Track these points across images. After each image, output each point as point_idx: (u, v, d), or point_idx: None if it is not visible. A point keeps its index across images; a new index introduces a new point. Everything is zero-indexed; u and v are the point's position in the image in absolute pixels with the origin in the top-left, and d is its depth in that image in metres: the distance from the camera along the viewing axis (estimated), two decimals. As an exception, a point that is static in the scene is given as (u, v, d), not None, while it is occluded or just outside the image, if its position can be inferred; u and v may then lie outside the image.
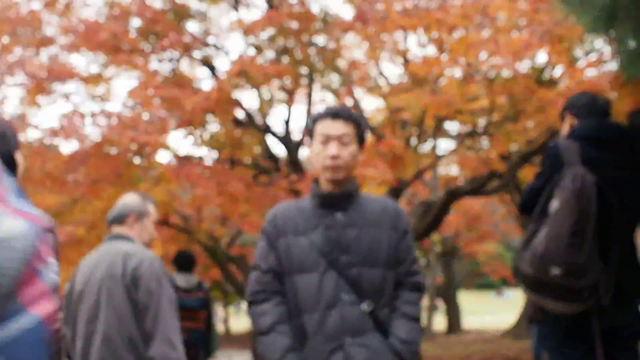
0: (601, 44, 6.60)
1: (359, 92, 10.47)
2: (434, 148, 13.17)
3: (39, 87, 6.80)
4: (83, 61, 9.20)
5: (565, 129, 3.26)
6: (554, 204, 2.82)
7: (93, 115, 6.96)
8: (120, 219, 2.96)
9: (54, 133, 6.74)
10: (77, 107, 7.60)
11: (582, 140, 2.98)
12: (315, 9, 9.34)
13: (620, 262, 2.87)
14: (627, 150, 3.05)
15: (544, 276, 2.79)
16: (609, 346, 2.93)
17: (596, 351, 2.91)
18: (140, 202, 3.04)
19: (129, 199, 3.05)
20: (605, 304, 2.80)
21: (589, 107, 3.15)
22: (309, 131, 2.52)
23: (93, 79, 8.24)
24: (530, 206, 2.99)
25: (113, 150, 7.31)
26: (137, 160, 7.46)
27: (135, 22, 8.38)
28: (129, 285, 2.72)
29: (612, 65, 5.82)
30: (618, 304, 2.88)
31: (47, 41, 7.87)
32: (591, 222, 2.72)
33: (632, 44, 3.60)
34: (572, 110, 3.22)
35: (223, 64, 10.36)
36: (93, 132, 7.01)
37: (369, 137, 11.80)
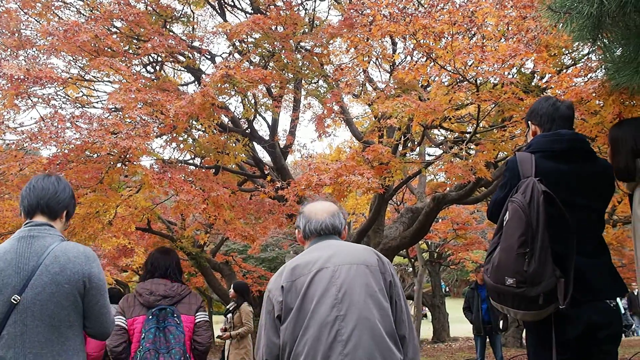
0: (588, 52, 6.57)
1: (345, 98, 10.43)
2: (420, 155, 13.15)
3: (17, 89, 6.66)
4: (63, 64, 9.10)
5: (529, 136, 3.42)
6: (506, 217, 3.01)
7: (73, 118, 6.81)
8: None
9: (32, 137, 6.59)
10: (57, 111, 7.46)
11: (538, 152, 3.14)
12: (302, 13, 9.29)
13: (588, 263, 3.01)
14: (582, 159, 3.17)
15: (501, 286, 2.95)
16: (585, 350, 3.03)
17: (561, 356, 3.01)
18: None
19: None
20: (569, 309, 2.91)
21: (550, 115, 3.29)
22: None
23: (73, 82, 8.11)
24: (496, 217, 3.15)
25: (94, 155, 7.18)
26: (118, 166, 7.32)
27: (118, 25, 8.27)
28: None
29: (599, 73, 5.77)
30: (589, 306, 2.99)
31: (25, 43, 7.74)
32: (541, 233, 2.85)
33: (618, 51, 3.58)
34: (535, 119, 3.38)
35: (208, 69, 10.33)
36: (73, 136, 6.86)
37: (356, 143, 11.77)
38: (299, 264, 2.75)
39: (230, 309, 8.76)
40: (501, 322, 10.38)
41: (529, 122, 3.41)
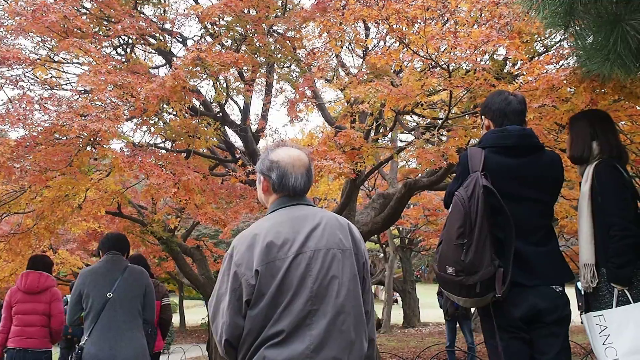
0: (560, 39, 6.62)
1: (318, 82, 10.39)
2: (392, 141, 13.19)
3: (-18, 70, 6.51)
4: (31, 44, 8.87)
5: (483, 130, 3.58)
6: (449, 209, 3.24)
7: (42, 100, 6.68)
8: None
9: (0, 118, 6.45)
10: (25, 92, 7.31)
11: (488, 147, 3.31)
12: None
13: (535, 251, 3.21)
14: (529, 153, 3.33)
15: (444, 274, 3.16)
16: (534, 331, 3.22)
17: (515, 338, 3.20)
18: None
19: None
20: (515, 293, 3.13)
21: (502, 110, 3.44)
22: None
23: (42, 63, 7.96)
24: (449, 207, 3.32)
25: (63, 138, 7.07)
26: (88, 149, 7.21)
27: (87, 5, 8.11)
28: None
29: (571, 61, 5.82)
30: (534, 290, 3.18)
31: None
32: (480, 225, 3.06)
33: (590, 39, 3.60)
34: (488, 114, 3.53)
35: (179, 51, 10.23)
36: (42, 119, 6.74)
37: (328, 128, 11.75)
38: (272, 242, 2.53)
39: None
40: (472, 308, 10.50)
41: (483, 116, 3.56)
